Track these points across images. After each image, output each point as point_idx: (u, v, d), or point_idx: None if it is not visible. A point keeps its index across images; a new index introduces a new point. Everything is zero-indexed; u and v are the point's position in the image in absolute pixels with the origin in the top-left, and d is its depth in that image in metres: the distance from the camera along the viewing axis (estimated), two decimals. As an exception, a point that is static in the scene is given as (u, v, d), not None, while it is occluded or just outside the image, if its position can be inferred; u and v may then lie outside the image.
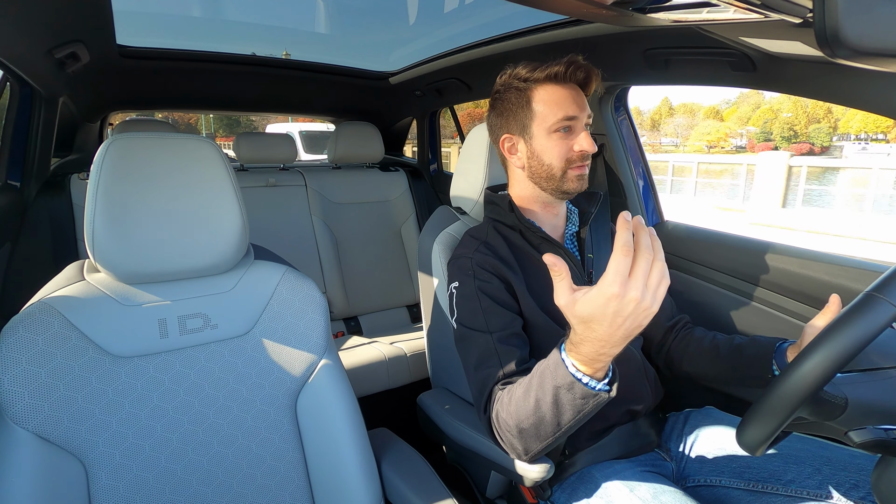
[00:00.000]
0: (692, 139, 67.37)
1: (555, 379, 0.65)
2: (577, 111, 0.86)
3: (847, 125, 65.26)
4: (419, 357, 1.66)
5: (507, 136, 0.93)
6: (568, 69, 0.86)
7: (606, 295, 0.54)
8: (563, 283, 0.58)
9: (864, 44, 0.46)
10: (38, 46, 1.22)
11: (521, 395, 0.72)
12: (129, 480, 0.68)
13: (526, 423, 0.71)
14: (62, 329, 0.66)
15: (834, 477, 0.79)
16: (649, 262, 0.54)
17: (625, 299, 0.53)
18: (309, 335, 0.82)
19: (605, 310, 0.55)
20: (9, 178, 1.49)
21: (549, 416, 0.67)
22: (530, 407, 0.69)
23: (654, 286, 0.54)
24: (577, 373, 0.63)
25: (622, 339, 0.57)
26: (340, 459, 0.80)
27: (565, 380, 0.63)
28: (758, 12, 0.65)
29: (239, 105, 2.49)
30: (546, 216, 0.96)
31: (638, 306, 0.54)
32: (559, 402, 0.65)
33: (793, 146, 58.87)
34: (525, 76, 0.88)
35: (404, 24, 1.94)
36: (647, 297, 0.54)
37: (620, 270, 0.53)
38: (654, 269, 0.54)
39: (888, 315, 0.50)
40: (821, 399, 0.55)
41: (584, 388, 0.62)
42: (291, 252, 1.91)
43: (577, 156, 0.87)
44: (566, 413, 0.66)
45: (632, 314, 0.54)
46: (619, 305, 0.54)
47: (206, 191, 0.75)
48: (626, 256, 0.53)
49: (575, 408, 0.64)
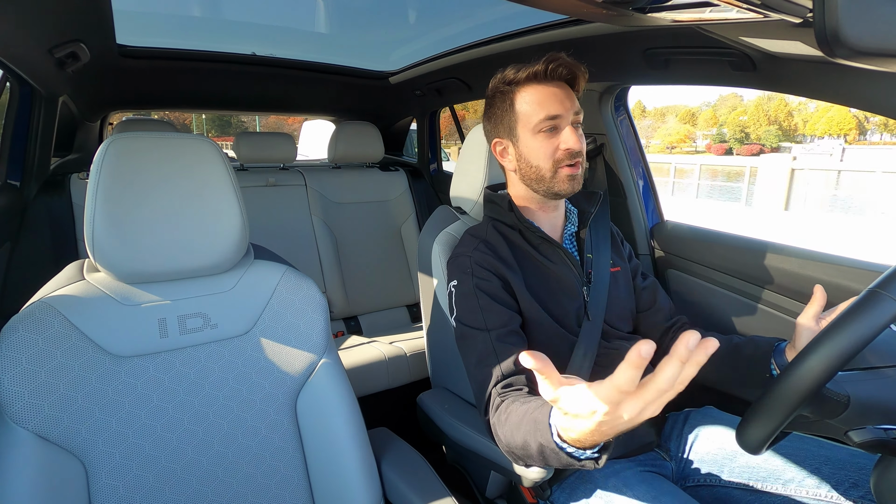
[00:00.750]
0: (654, 139, 71.04)
1: (541, 437, 0.61)
2: (561, 109, 0.85)
3: (813, 128, 67.95)
4: (419, 357, 1.66)
5: (498, 140, 0.94)
6: (548, 67, 0.85)
7: (595, 407, 0.46)
8: (549, 379, 0.48)
9: (863, 43, 0.46)
10: (38, 46, 1.22)
11: (514, 425, 0.69)
12: (129, 480, 0.68)
13: (516, 450, 0.69)
14: (62, 329, 0.66)
15: (833, 476, 0.79)
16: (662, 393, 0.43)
17: (615, 414, 0.45)
18: (309, 335, 0.82)
19: (593, 418, 0.47)
20: (9, 178, 1.49)
21: (536, 457, 0.65)
22: (519, 442, 0.67)
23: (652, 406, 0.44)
24: (561, 442, 0.58)
25: (604, 434, 0.49)
26: (340, 459, 0.80)
27: (550, 444, 0.60)
28: (758, 12, 0.65)
29: (239, 105, 2.49)
30: (545, 216, 0.96)
31: (627, 421, 0.45)
32: (545, 455, 0.62)
33: (744, 147, 62.26)
34: (509, 79, 0.89)
35: (404, 24, 1.93)
36: (640, 414, 0.44)
37: (622, 387, 0.43)
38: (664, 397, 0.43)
39: (892, 312, 0.50)
40: (823, 396, 0.55)
41: (568, 458, 0.59)
42: (291, 252, 1.91)
43: (564, 154, 0.86)
44: (552, 463, 0.63)
45: (618, 425, 0.46)
46: (608, 417, 0.46)
47: (206, 190, 0.75)
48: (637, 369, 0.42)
49: (561, 464, 0.61)
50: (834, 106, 54.93)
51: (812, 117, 70.15)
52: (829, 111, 69.06)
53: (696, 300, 1.31)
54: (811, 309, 0.78)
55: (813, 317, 0.77)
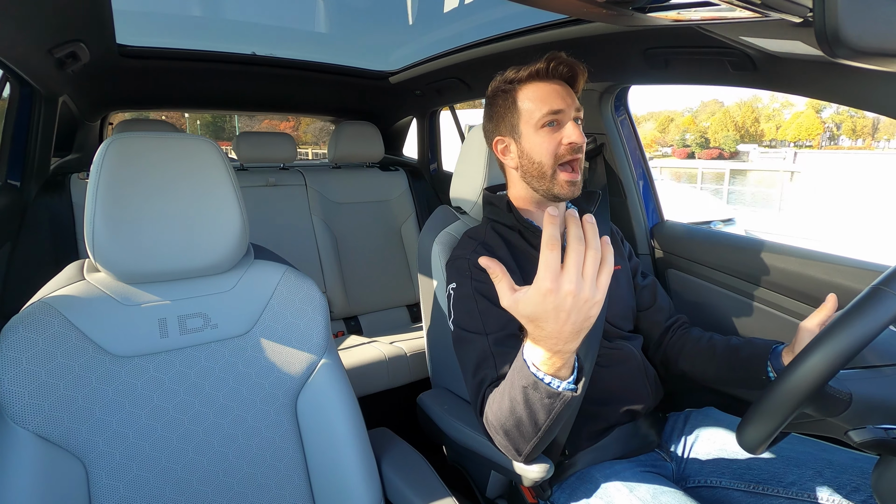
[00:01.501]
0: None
1: (521, 379, 0.63)
2: (563, 105, 0.87)
3: (784, 133, 73.35)
4: (419, 357, 1.66)
5: (499, 138, 0.94)
6: (549, 65, 0.87)
7: (542, 291, 0.52)
8: (501, 284, 0.57)
9: (863, 43, 0.46)
10: (38, 46, 1.22)
11: (498, 396, 0.71)
12: (129, 480, 0.68)
13: (508, 423, 0.70)
14: (62, 329, 0.66)
15: (835, 480, 0.78)
16: (581, 253, 0.51)
17: (560, 294, 0.52)
18: (309, 335, 0.82)
19: (545, 306, 0.53)
20: (9, 178, 1.49)
21: (525, 416, 0.66)
22: (506, 408, 0.68)
23: (590, 276, 0.52)
24: (538, 372, 0.61)
25: (571, 333, 0.55)
26: (340, 459, 0.80)
27: (529, 379, 0.62)
28: (758, 11, 0.65)
29: (239, 105, 2.49)
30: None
31: (577, 298, 0.52)
32: (530, 402, 0.64)
33: (705, 151, 67.92)
34: (510, 78, 0.90)
35: (404, 24, 1.93)
36: (586, 289, 0.52)
37: (549, 266, 0.52)
38: (588, 259, 0.52)
39: (895, 309, 0.50)
40: (825, 394, 0.54)
41: (548, 388, 0.61)
42: (291, 252, 1.91)
43: (567, 149, 0.87)
44: (539, 413, 0.64)
45: (573, 308, 0.52)
46: (557, 300, 0.52)
47: (206, 190, 0.75)
48: (552, 251, 0.52)
49: (545, 407, 0.63)
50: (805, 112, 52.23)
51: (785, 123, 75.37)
52: (799, 118, 74.29)
53: (696, 300, 1.30)
54: (818, 316, 0.78)
55: (819, 324, 0.77)
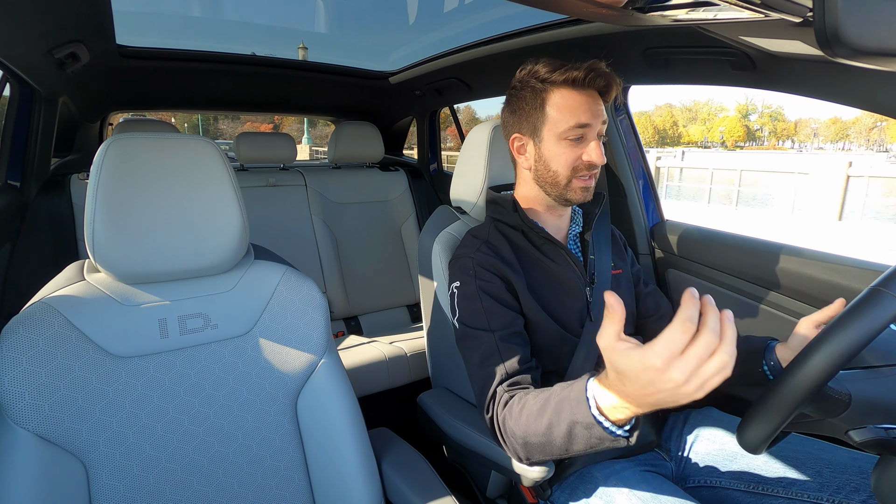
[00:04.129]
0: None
1: (574, 413, 0.62)
2: (591, 118, 0.84)
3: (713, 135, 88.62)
4: (419, 357, 1.66)
5: (518, 135, 0.91)
6: (588, 76, 0.82)
7: (646, 364, 0.48)
8: (611, 327, 0.52)
9: (863, 43, 0.46)
10: (38, 46, 1.22)
11: (534, 413, 0.70)
12: (130, 480, 0.68)
13: (534, 439, 0.70)
14: (62, 329, 0.66)
15: (835, 480, 0.78)
16: (710, 348, 0.47)
17: (664, 376, 0.48)
18: (309, 335, 0.82)
19: (642, 376, 0.50)
20: (9, 178, 1.49)
21: (558, 441, 0.66)
22: (542, 428, 0.68)
23: (705, 376, 0.47)
24: (598, 415, 0.59)
25: (651, 405, 0.52)
26: (341, 459, 0.80)
27: (585, 419, 0.61)
28: (758, 11, 0.65)
29: (239, 105, 2.49)
30: (550, 217, 0.96)
31: (677, 389, 0.48)
32: (573, 435, 0.63)
33: None
34: (543, 76, 0.85)
35: (404, 24, 1.94)
36: (692, 384, 0.48)
37: (671, 345, 0.47)
38: (714, 358, 0.47)
39: (893, 310, 0.50)
40: (825, 395, 0.55)
41: (603, 432, 0.60)
42: (291, 252, 1.91)
43: (585, 165, 0.86)
44: (577, 445, 0.64)
45: (668, 392, 0.49)
46: (656, 379, 0.49)
47: (206, 191, 0.75)
48: (685, 333, 0.47)
49: (587, 444, 0.63)
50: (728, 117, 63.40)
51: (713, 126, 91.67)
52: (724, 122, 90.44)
53: None
54: (819, 315, 0.78)
55: (815, 322, 0.78)
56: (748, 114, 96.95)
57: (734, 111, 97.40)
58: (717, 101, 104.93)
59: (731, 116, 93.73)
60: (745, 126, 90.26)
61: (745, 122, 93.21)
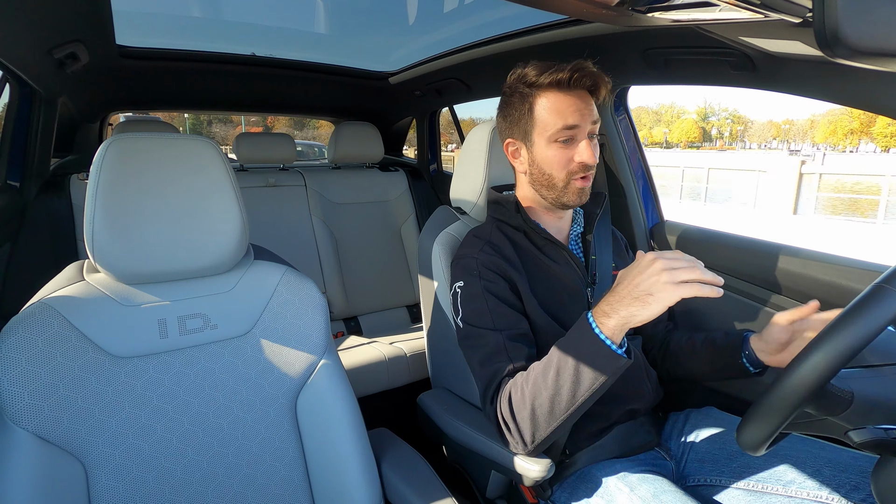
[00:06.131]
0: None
1: (579, 343, 0.71)
2: (580, 119, 0.83)
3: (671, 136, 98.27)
4: (419, 357, 1.66)
5: (511, 140, 0.92)
6: (573, 76, 0.82)
7: (642, 259, 0.66)
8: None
9: (863, 43, 0.47)
10: (38, 46, 1.22)
11: (541, 369, 0.74)
12: (129, 481, 0.68)
13: (542, 397, 0.73)
14: (62, 329, 0.66)
15: (834, 478, 0.79)
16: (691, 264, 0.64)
17: (652, 266, 0.64)
18: (309, 335, 0.82)
19: (633, 267, 0.67)
20: (9, 179, 1.49)
21: (566, 386, 0.71)
22: (549, 381, 0.72)
23: (681, 275, 0.62)
24: (600, 334, 0.69)
25: (630, 297, 0.66)
26: (340, 459, 0.80)
27: (590, 339, 0.69)
28: (757, 12, 0.65)
29: (239, 105, 2.49)
30: (551, 218, 0.96)
31: (657, 277, 0.63)
32: (579, 373, 0.70)
33: None
34: (531, 80, 0.85)
35: (404, 25, 1.93)
36: (667, 276, 0.63)
37: (662, 253, 0.66)
38: (690, 269, 0.63)
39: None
40: (827, 393, 0.54)
41: (605, 348, 0.68)
42: (291, 252, 1.91)
43: (578, 167, 0.86)
44: (584, 381, 0.70)
45: (650, 281, 0.64)
46: (645, 268, 0.65)
47: (206, 191, 0.75)
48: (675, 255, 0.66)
49: (593, 379, 0.69)
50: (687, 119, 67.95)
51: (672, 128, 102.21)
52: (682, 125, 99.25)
53: (696, 300, 1.30)
54: (792, 314, 0.81)
55: (788, 320, 0.81)
56: (707, 116, 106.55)
57: (694, 114, 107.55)
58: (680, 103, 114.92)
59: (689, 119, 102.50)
60: (702, 128, 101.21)
61: (702, 124, 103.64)
